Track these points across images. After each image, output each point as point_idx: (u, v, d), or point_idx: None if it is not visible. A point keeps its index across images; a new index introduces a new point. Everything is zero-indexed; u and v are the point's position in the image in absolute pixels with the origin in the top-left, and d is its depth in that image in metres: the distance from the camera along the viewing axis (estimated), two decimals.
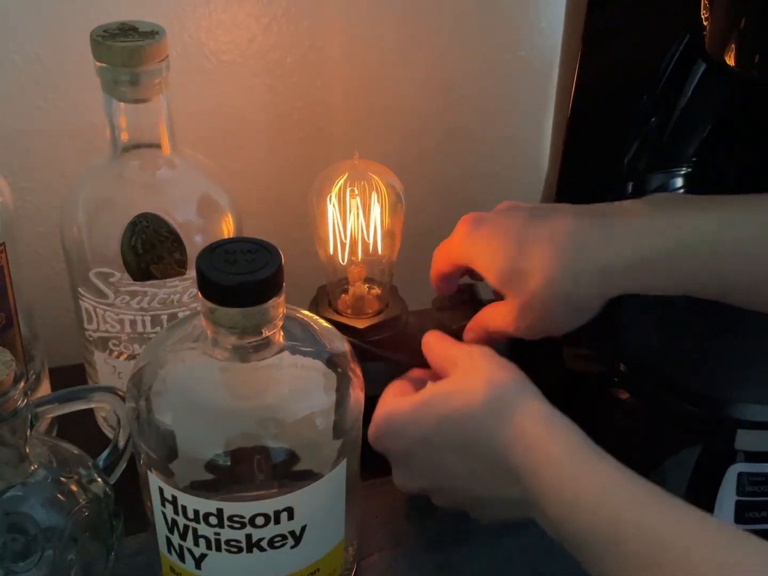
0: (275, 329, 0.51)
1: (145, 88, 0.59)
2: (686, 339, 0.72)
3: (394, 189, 0.70)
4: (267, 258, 0.49)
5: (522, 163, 0.97)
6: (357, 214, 0.69)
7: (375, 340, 0.70)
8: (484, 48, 0.89)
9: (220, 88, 0.83)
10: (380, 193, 0.69)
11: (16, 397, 0.50)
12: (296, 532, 0.53)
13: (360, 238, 0.71)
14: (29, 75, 0.77)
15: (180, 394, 0.54)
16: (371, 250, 0.71)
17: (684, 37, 0.64)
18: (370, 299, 0.73)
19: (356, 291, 0.72)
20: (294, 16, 0.81)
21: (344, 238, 0.71)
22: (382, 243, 0.71)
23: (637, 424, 0.69)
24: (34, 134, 0.79)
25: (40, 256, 0.83)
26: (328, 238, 0.71)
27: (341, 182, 0.69)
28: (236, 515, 0.51)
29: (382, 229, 0.70)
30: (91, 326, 0.65)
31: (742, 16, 0.58)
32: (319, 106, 0.87)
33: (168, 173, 0.64)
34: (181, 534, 0.53)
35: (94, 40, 0.58)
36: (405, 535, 0.66)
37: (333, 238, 0.71)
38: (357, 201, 0.69)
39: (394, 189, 0.70)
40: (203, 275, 0.49)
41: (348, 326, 0.70)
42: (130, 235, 0.61)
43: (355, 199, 0.69)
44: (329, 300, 0.73)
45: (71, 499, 0.54)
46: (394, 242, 0.72)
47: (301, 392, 0.54)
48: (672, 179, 0.73)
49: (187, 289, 0.64)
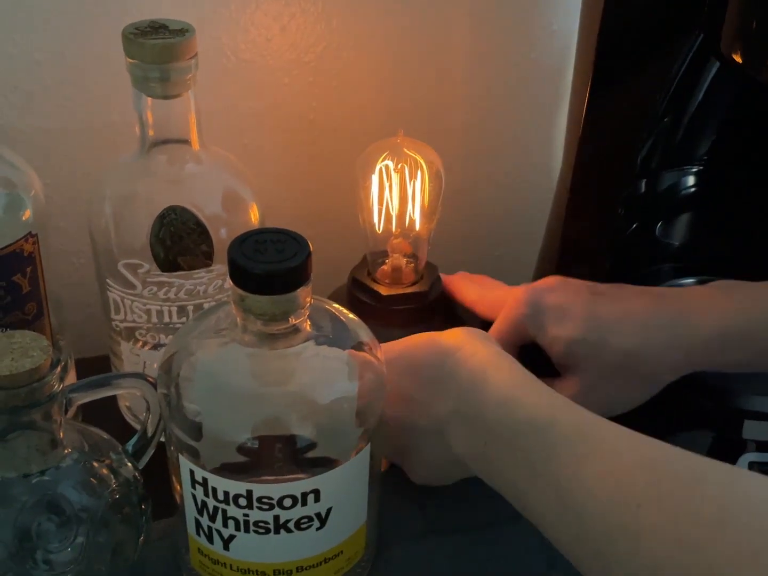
0: (302, 317, 0.53)
1: (175, 85, 0.61)
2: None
3: (434, 166, 0.72)
4: (296, 248, 0.51)
5: (532, 163, 0.98)
6: (399, 189, 0.73)
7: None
8: (497, 49, 0.90)
9: (239, 87, 0.84)
10: (422, 170, 0.72)
11: (52, 382, 0.51)
12: (322, 514, 0.55)
13: (400, 211, 0.74)
14: (53, 73, 0.78)
15: (209, 380, 0.55)
16: (409, 223, 0.74)
17: (698, 37, 0.65)
18: (407, 272, 0.76)
19: (394, 262, 0.75)
20: (311, 17, 0.83)
21: (386, 212, 0.74)
22: (421, 218, 0.74)
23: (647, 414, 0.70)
24: (57, 132, 0.80)
25: (61, 251, 0.84)
26: (372, 211, 0.74)
27: (385, 157, 0.72)
28: (265, 497, 0.53)
29: (422, 204, 0.73)
30: (119, 316, 0.67)
31: (755, 16, 0.59)
32: (335, 106, 0.88)
33: (195, 168, 0.65)
34: (211, 516, 0.55)
35: (126, 37, 0.60)
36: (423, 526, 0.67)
37: (378, 211, 0.74)
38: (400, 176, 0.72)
39: (435, 166, 0.72)
40: (235, 263, 0.50)
41: (372, 290, 0.74)
42: (158, 227, 0.63)
43: (398, 173, 0.72)
44: (368, 270, 0.76)
45: (103, 482, 0.55)
46: (433, 217, 0.74)
47: (327, 380, 0.55)
48: (684, 177, 0.74)
49: (213, 281, 0.65)
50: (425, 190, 0.73)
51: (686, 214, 0.78)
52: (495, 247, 1.02)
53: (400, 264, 0.75)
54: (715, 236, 0.78)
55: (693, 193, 0.75)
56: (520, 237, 0.99)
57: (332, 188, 0.90)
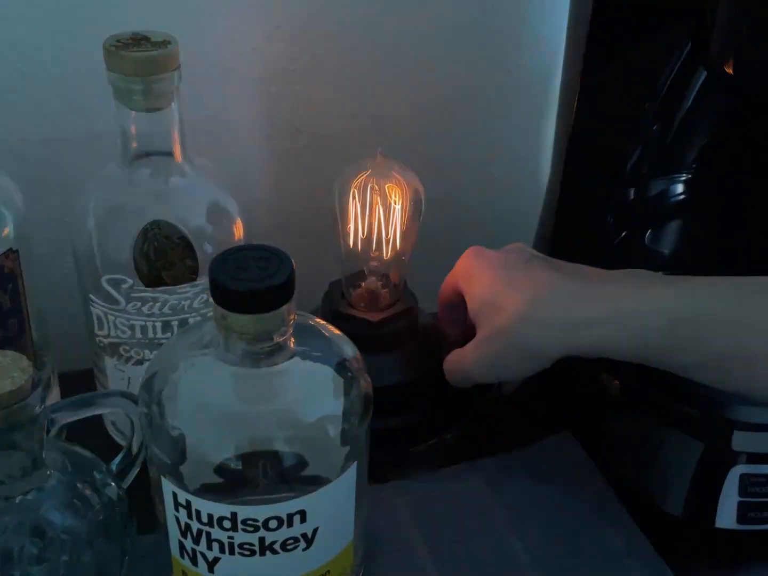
0: (286, 335, 0.52)
1: (158, 97, 0.60)
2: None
3: (414, 187, 0.72)
4: (278, 265, 0.50)
5: (519, 169, 0.98)
6: (377, 210, 0.72)
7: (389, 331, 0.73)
8: (485, 55, 0.90)
9: (223, 97, 0.83)
10: (402, 191, 0.71)
11: (33, 403, 0.51)
12: (308, 534, 0.54)
13: (378, 233, 0.73)
14: (36, 84, 0.77)
15: (192, 399, 0.54)
16: (389, 245, 0.73)
17: (686, 45, 0.65)
18: (383, 294, 0.75)
19: (369, 285, 0.75)
20: (296, 26, 0.82)
21: (363, 233, 0.73)
22: (401, 239, 0.73)
23: (637, 426, 0.70)
24: (41, 143, 0.80)
25: (44, 263, 0.83)
26: (349, 232, 0.73)
27: (364, 178, 0.71)
28: (250, 519, 0.52)
29: (401, 225, 0.72)
30: (102, 332, 0.66)
31: (743, 25, 0.59)
32: (321, 114, 0.88)
33: (179, 181, 0.65)
34: (195, 538, 0.54)
35: (106, 50, 0.59)
36: (409, 538, 0.67)
37: (354, 231, 0.73)
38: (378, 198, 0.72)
39: (414, 187, 0.72)
40: (216, 282, 0.49)
41: (362, 319, 0.73)
42: (142, 241, 0.62)
43: (376, 195, 0.71)
44: (342, 293, 0.75)
45: (86, 503, 0.55)
46: (411, 239, 0.74)
47: (312, 397, 0.54)
48: (673, 185, 0.74)
49: (198, 296, 0.64)
50: (405, 213, 0.72)
51: (676, 222, 0.77)
52: None
53: (374, 287, 0.75)
54: (704, 244, 0.77)
55: (682, 200, 0.75)
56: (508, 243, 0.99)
57: (319, 197, 0.89)
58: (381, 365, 0.69)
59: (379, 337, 0.73)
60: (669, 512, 0.67)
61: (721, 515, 0.65)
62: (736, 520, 0.65)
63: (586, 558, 0.65)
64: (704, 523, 0.66)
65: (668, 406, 0.68)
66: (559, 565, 0.64)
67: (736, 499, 0.65)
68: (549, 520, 0.68)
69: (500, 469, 0.72)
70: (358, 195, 0.71)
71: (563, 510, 0.68)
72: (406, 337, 0.75)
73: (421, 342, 0.76)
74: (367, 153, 0.75)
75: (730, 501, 0.65)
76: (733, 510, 0.65)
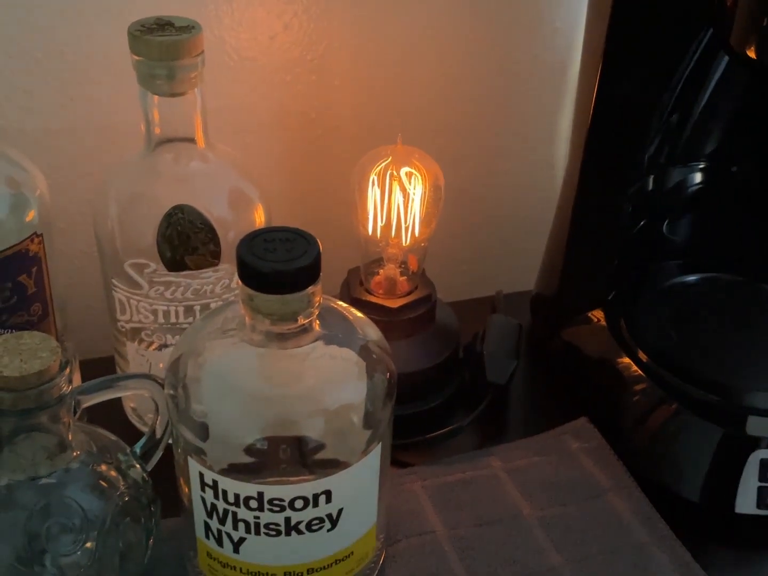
0: (312, 317, 0.52)
1: (182, 82, 0.60)
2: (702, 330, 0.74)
3: (434, 174, 0.72)
4: (305, 247, 0.50)
5: (534, 161, 0.98)
6: (396, 197, 0.72)
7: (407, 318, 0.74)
8: (500, 47, 0.90)
9: (241, 85, 0.84)
10: (422, 178, 0.72)
11: (61, 384, 0.51)
12: (333, 515, 0.54)
13: (397, 220, 0.73)
14: (54, 72, 0.77)
15: (217, 380, 0.55)
16: (408, 232, 0.74)
17: (707, 31, 0.65)
18: (401, 281, 0.75)
19: (388, 272, 0.75)
20: (314, 15, 0.82)
21: (382, 220, 0.73)
22: (420, 226, 0.73)
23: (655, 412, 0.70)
24: (59, 132, 0.80)
25: (65, 251, 0.83)
26: (368, 219, 0.73)
27: (383, 165, 0.72)
28: (276, 498, 0.52)
29: (421, 212, 0.73)
30: (124, 317, 0.66)
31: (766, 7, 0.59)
32: (337, 104, 0.88)
33: (201, 166, 0.65)
34: (221, 518, 0.54)
35: (131, 35, 0.59)
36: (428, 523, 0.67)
37: (373, 218, 0.73)
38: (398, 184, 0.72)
39: (434, 174, 0.72)
40: (244, 262, 0.49)
41: (380, 305, 0.74)
42: (165, 226, 0.62)
43: (396, 182, 0.71)
44: (361, 281, 0.76)
45: (112, 485, 0.55)
46: (430, 226, 0.74)
47: (336, 380, 0.55)
48: (692, 174, 0.74)
49: (220, 280, 0.64)
50: (425, 201, 0.72)
51: (694, 212, 0.78)
52: (499, 245, 1.01)
53: (393, 274, 0.75)
54: (722, 234, 0.78)
55: (700, 190, 0.75)
56: (524, 235, 0.99)
57: (334, 187, 0.89)
58: (399, 352, 0.69)
59: (397, 323, 0.74)
60: (688, 498, 0.67)
61: (741, 501, 0.65)
62: (756, 505, 0.65)
63: (606, 543, 0.65)
64: (724, 508, 0.66)
65: (687, 391, 0.68)
66: (580, 550, 0.65)
67: (756, 485, 0.65)
68: (567, 506, 0.68)
69: (518, 455, 0.72)
70: (377, 182, 0.72)
71: (582, 496, 0.69)
72: (423, 324, 0.75)
73: (438, 329, 0.76)
74: (382, 143, 0.76)
75: (749, 486, 0.65)
76: (753, 495, 0.65)
